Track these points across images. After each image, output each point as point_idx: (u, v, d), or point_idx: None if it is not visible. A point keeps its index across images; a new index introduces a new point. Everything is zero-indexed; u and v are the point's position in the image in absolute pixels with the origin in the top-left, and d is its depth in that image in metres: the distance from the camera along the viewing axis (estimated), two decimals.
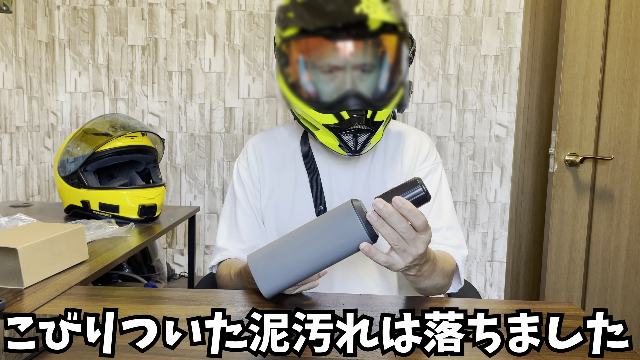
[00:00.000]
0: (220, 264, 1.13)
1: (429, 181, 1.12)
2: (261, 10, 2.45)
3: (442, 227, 1.09)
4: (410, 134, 1.17)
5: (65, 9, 2.47)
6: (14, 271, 1.00)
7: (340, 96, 0.95)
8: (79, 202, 1.70)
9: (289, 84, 1.00)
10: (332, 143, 1.01)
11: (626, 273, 1.94)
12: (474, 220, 2.54)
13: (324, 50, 0.96)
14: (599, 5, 1.83)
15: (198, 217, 2.56)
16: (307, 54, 0.97)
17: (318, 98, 0.98)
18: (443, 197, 1.13)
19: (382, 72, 0.98)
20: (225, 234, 1.16)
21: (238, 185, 1.17)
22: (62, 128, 2.53)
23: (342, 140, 0.98)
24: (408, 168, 1.13)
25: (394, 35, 0.97)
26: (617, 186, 1.91)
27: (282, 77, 1.01)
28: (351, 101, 0.94)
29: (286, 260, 0.79)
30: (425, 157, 1.14)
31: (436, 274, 0.94)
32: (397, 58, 0.98)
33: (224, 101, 2.50)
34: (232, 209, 1.17)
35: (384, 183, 1.12)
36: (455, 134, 2.50)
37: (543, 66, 2.43)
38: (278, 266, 0.79)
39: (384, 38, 0.97)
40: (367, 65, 0.97)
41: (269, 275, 0.80)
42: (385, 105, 0.98)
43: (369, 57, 0.96)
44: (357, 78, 0.97)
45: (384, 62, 0.98)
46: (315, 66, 0.97)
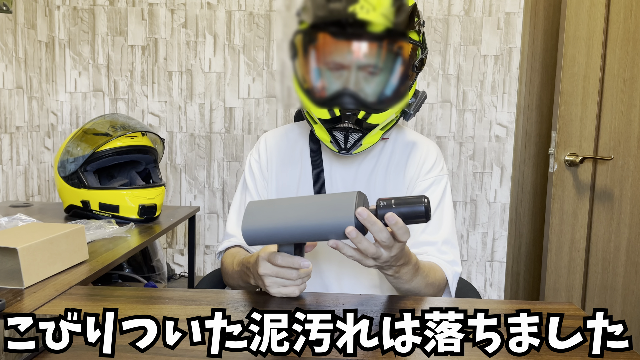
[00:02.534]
0: (226, 251, 1.16)
1: (431, 193, 1.12)
2: (261, 10, 2.45)
3: (438, 241, 1.09)
4: (420, 144, 1.17)
5: (65, 9, 2.47)
6: (14, 271, 1.00)
7: (335, 93, 0.97)
8: (79, 202, 1.70)
9: (298, 76, 1.03)
10: (325, 138, 1.03)
11: (626, 273, 1.94)
12: (473, 220, 2.54)
13: (331, 48, 0.98)
14: (599, 5, 1.83)
15: (198, 217, 2.56)
16: (317, 50, 1.00)
17: (317, 92, 1.00)
18: (444, 211, 1.13)
19: (386, 76, 0.99)
20: (234, 221, 1.19)
21: (249, 175, 1.20)
22: (62, 128, 2.53)
23: (333, 136, 1.00)
24: (411, 178, 1.13)
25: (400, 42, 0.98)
26: (617, 186, 1.91)
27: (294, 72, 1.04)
28: (345, 99, 0.96)
29: (276, 210, 0.83)
30: (430, 167, 1.14)
31: (417, 280, 0.95)
32: (403, 64, 0.99)
33: (224, 101, 2.50)
34: (242, 198, 1.21)
35: (384, 188, 1.12)
36: (455, 134, 2.50)
37: (543, 66, 2.44)
38: (267, 212, 0.83)
39: (389, 42, 0.98)
40: (373, 67, 0.98)
41: (256, 216, 0.84)
42: (381, 109, 0.99)
43: (374, 59, 0.97)
44: (361, 79, 0.98)
45: (389, 66, 0.99)
46: (323, 62, 0.99)
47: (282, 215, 0.82)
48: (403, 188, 1.13)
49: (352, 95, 0.96)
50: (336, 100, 0.97)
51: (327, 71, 0.99)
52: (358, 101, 0.96)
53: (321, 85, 1.00)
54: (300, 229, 0.82)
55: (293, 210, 0.82)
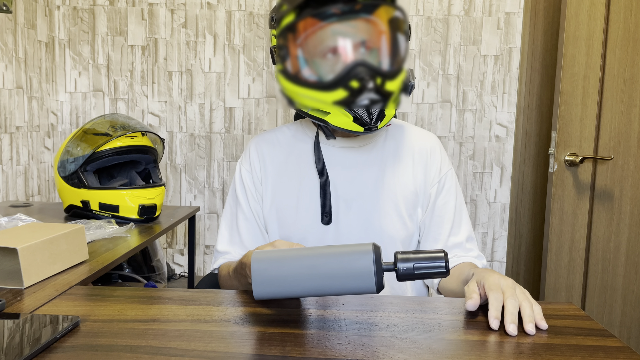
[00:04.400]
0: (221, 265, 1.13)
1: (445, 193, 1.12)
2: (261, 10, 2.45)
3: (462, 241, 1.12)
4: (418, 135, 1.15)
5: (65, 9, 2.47)
6: (14, 271, 1.00)
7: (347, 67, 0.94)
8: (79, 202, 1.70)
9: (291, 76, 0.99)
10: (345, 122, 0.98)
11: (626, 273, 1.94)
12: (474, 220, 2.54)
13: (320, 33, 0.96)
14: (599, 6, 1.83)
15: (198, 217, 2.56)
16: (306, 41, 0.97)
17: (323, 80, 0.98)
18: (462, 208, 1.14)
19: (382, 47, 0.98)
20: (226, 238, 1.15)
21: (240, 188, 1.15)
22: (62, 128, 2.53)
23: (355, 113, 0.96)
24: (421, 180, 1.12)
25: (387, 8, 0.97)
26: (617, 186, 1.91)
27: (282, 74, 1.00)
28: (359, 69, 0.93)
29: (289, 274, 0.78)
30: (439, 167, 1.13)
31: None
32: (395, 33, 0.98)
33: (224, 101, 2.50)
34: (233, 212, 1.16)
35: (394, 190, 1.09)
36: (455, 134, 2.50)
37: (543, 66, 2.44)
38: (279, 275, 0.78)
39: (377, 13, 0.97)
40: (367, 41, 0.96)
41: (267, 279, 0.78)
42: (393, 76, 0.96)
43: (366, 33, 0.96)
44: (360, 54, 0.96)
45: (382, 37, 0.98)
46: (315, 52, 0.97)
47: (296, 279, 0.78)
48: (413, 188, 1.11)
49: (364, 64, 0.93)
50: (350, 74, 0.93)
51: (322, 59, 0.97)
52: (371, 69, 0.93)
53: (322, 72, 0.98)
54: (315, 292, 0.78)
55: (306, 273, 0.77)
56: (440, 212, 1.11)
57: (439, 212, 1.11)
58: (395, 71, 0.97)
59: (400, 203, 1.09)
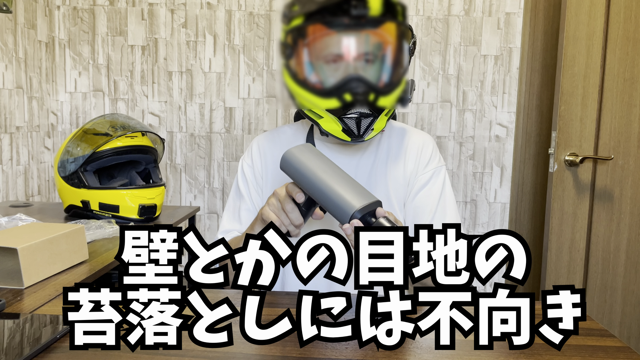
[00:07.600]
0: None
1: (431, 185, 1.14)
2: (261, 10, 2.45)
3: None
4: (413, 134, 1.18)
5: (65, 9, 2.47)
6: (14, 271, 1.00)
7: (343, 79, 0.97)
8: (79, 202, 1.70)
9: (294, 75, 1.02)
10: (335, 129, 1.02)
11: (626, 273, 1.94)
12: (473, 220, 2.54)
13: (326, 40, 0.98)
14: (599, 6, 1.83)
15: (198, 217, 2.56)
16: (312, 45, 0.99)
17: (322, 85, 1.00)
18: (447, 201, 1.14)
19: (383, 62, 1.00)
20: (228, 221, 1.19)
21: (242, 181, 1.20)
22: (62, 128, 2.53)
23: (345, 124, 1.00)
24: (411, 171, 1.15)
25: (393, 24, 0.98)
26: (617, 186, 1.91)
27: (286, 70, 1.03)
28: (353, 84, 0.96)
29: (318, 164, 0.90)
30: (428, 160, 1.15)
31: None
32: (398, 48, 1.00)
33: (224, 101, 2.50)
34: (236, 204, 1.20)
35: (386, 183, 1.13)
36: (455, 134, 2.50)
37: (543, 66, 2.43)
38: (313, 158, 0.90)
39: (383, 28, 0.98)
40: (369, 54, 0.98)
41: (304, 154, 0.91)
42: (388, 92, 0.99)
43: (370, 46, 0.98)
44: (360, 66, 0.98)
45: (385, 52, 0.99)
46: (318, 57, 0.99)
47: (319, 169, 0.88)
48: (403, 181, 1.14)
49: (359, 79, 0.96)
50: (345, 87, 0.97)
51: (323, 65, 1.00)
52: (366, 84, 0.96)
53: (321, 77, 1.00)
54: (321, 186, 0.87)
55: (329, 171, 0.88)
56: (420, 203, 1.13)
57: (419, 202, 1.13)
58: (392, 87, 0.99)
59: (392, 196, 1.13)
